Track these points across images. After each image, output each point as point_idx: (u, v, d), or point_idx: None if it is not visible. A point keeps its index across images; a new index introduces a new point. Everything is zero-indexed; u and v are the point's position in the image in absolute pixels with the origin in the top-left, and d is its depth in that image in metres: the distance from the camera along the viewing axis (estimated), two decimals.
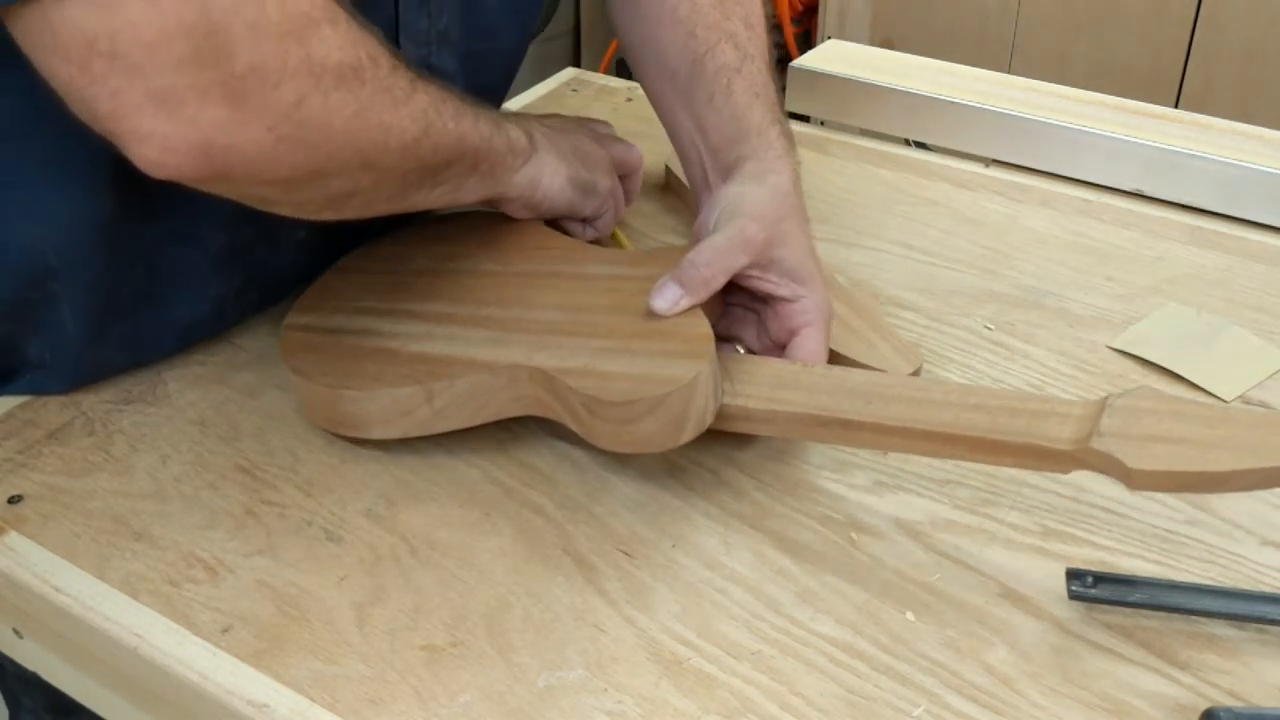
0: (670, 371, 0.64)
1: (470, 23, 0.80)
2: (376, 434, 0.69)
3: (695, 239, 0.73)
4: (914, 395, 0.64)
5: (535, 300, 0.72)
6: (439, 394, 0.67)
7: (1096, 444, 0.58)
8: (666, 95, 0.80)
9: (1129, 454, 0.57)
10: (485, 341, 0.69)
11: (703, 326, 0.67)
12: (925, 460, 0.71)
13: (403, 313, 0.74)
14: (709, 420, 0.65)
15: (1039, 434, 0.60)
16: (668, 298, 0.68)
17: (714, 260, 0.69)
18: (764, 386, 0.67)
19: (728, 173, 0.75)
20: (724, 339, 0.73)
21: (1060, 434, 0.60)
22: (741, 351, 0.72)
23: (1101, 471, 0.59)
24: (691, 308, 0.68)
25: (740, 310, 0.74)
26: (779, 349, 0.71)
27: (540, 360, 0.66)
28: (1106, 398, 0.60)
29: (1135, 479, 0.57)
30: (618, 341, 0.67)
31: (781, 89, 0.90)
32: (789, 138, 0.77)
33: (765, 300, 0.72)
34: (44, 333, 0.71)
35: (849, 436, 0.65)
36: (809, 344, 0.70)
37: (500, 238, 0.79)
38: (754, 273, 0.71)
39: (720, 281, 0.69)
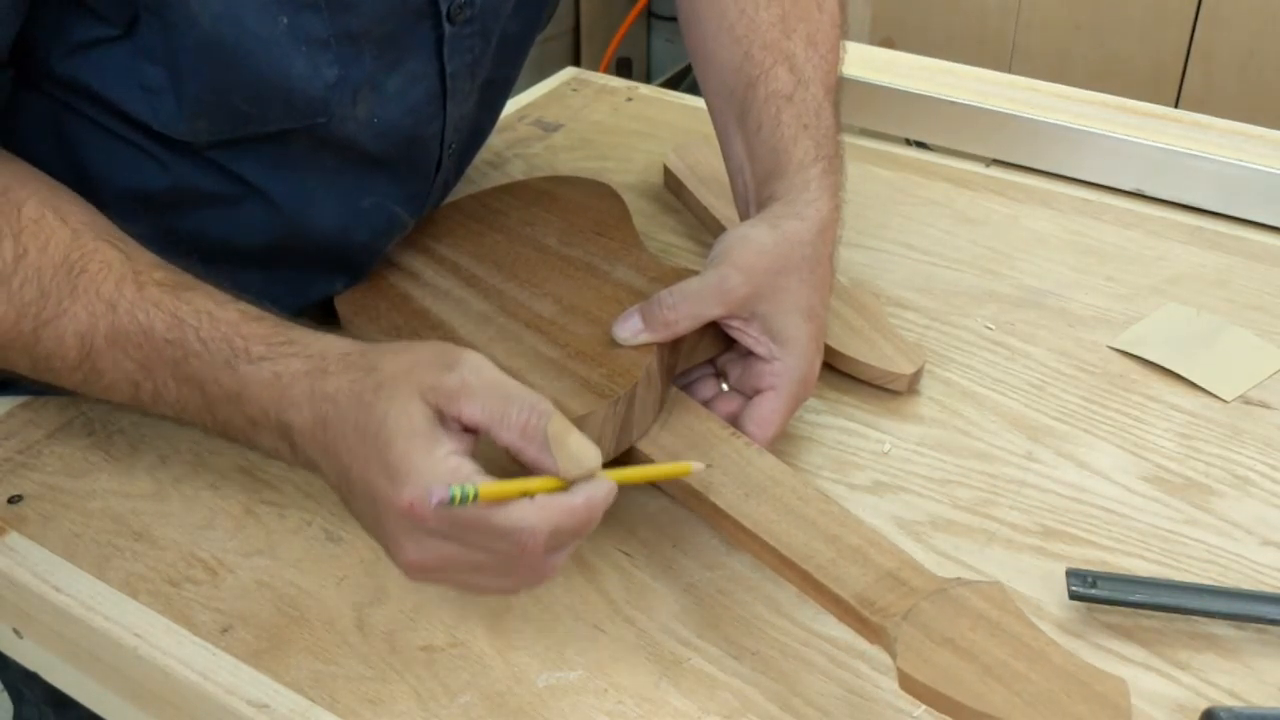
0: (568, 401, 0.61)
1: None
2: None
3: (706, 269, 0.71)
4: (791, 503, 0.60)
5: (547, 287, 0.72)
6: None
7: (891, 627, 0.52)
8: (723, 116, 0.77)
9: (908, 654, 0.51)
10: (478, 316, 0.70)
11: (636, 366, 0.64)
12: (925, 460, 0.71)
13: (454, 265, 0.74)
14: None
15: (862, 597, 0.54)
16: (629, 328, 0.67)
17: (680, 305, 0.66)
18: (680, 442, 0.64)
19: (760, 208, 0.72)
20: (718, 374, 0.71)
21: (880, 601, 0.54)
22: (725, 389, 0.69)
23: (893, 660, 0.52)
24: (649, 344, 0.66)
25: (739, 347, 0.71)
26: (746, 398, 0.68)
27: (491, 351, 0.65)
28: (957, 580, 0.54)
29: (901, 682, 0.51)
30: (565, 354, 0.66)
31: None
32: (835, 174, 0.72)
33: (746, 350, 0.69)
34: None
35: (717, 524, 0.61)
36: (764, 408, 0.66)
37: (578, 215, 0.79)
38: (734, 324, 0.68)
39: (685, 327, 0.66)
